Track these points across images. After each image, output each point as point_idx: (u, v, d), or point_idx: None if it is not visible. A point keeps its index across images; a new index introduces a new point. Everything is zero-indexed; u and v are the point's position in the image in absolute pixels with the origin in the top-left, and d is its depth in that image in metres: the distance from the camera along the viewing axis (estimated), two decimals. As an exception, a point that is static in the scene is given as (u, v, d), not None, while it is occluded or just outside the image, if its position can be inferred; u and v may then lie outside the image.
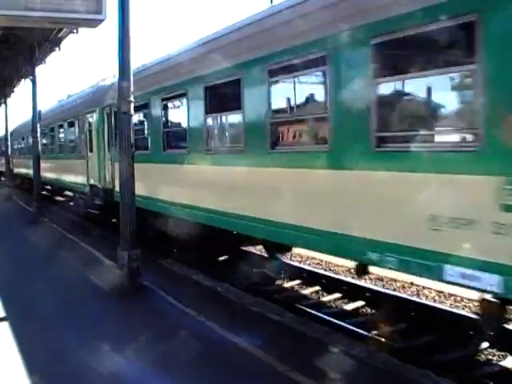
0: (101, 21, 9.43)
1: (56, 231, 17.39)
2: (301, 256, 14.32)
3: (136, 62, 10.63)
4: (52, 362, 6.55)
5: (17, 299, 9.24)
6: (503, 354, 8.02)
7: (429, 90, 6.37)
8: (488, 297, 6.15)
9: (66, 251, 13.33)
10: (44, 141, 27.17)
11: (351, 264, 12.43)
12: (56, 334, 7.57)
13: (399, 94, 6.80)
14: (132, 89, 9.67)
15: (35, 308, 8.70)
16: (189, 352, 6.63)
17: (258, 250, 14.02)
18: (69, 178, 22.45)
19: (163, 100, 12.49)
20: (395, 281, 11.72)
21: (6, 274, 10.76)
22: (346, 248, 7.19)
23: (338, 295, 11.11)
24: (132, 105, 9.68)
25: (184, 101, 11.47)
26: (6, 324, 7.95)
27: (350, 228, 7.00)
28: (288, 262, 13.47)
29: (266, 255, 13.09)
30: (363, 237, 6.77)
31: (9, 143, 33.51)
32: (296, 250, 13.59)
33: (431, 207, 5.83)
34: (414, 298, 10.45)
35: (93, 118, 18.09)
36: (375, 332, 8.78)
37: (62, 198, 27.87)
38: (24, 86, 27.55)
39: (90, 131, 18.56)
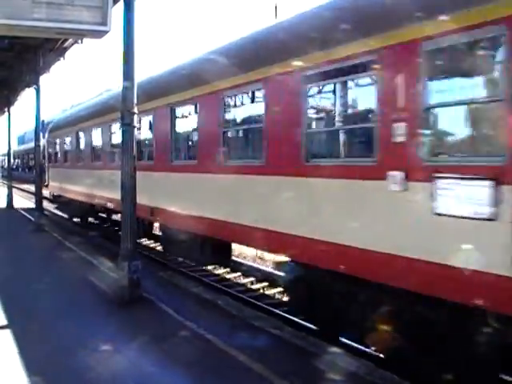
0: (106, 32, 9.48)
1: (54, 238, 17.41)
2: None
3: (140, 73, 10.65)
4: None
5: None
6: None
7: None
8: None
9: (62, 253, 13.41)
10: None
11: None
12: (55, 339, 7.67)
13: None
14: (136, 100, 9.72)
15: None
16: (187, 364, 6.69)
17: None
18: None
19: None
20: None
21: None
22: None
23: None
24: (135, 116, 9.73)
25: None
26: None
27: None
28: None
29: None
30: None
31: (11, 151, 33.19)
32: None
33: None
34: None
35: None
36: (374, 348, 8.76)
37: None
38: (28, 94, 27.51)
39: None
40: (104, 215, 21.63)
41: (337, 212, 7.66)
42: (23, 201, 33.98)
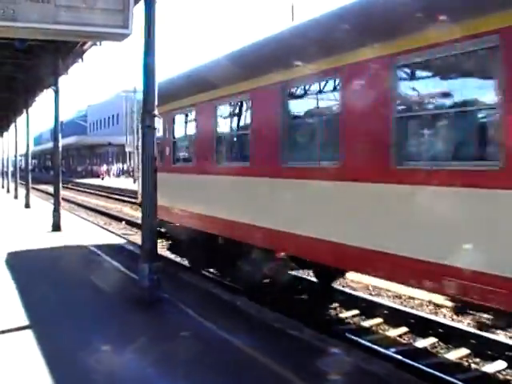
0: (127, 35, 9.56)
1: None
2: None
3: (160, 75, 10.65)
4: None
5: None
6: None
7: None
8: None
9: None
10: None
11: (368, 281, 12.52)
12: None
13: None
14: (156, 102, 9.79)
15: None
16: (208, 364, 6.77)
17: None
18: None
19: None
20: (413, 298, 11.69)
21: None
22: None
23: (355, 312, 11.10)
24: (156, 119, 9.80)
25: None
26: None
27: None
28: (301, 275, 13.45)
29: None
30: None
31: (29, 152, 32.83)
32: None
33: None
34: (432, 317, 10.42)
35: None
36: (393, 349, 8.79)
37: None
38: (44, 94, 27.67)
39: None
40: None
41: None
42: (42, 202, 34.22)
